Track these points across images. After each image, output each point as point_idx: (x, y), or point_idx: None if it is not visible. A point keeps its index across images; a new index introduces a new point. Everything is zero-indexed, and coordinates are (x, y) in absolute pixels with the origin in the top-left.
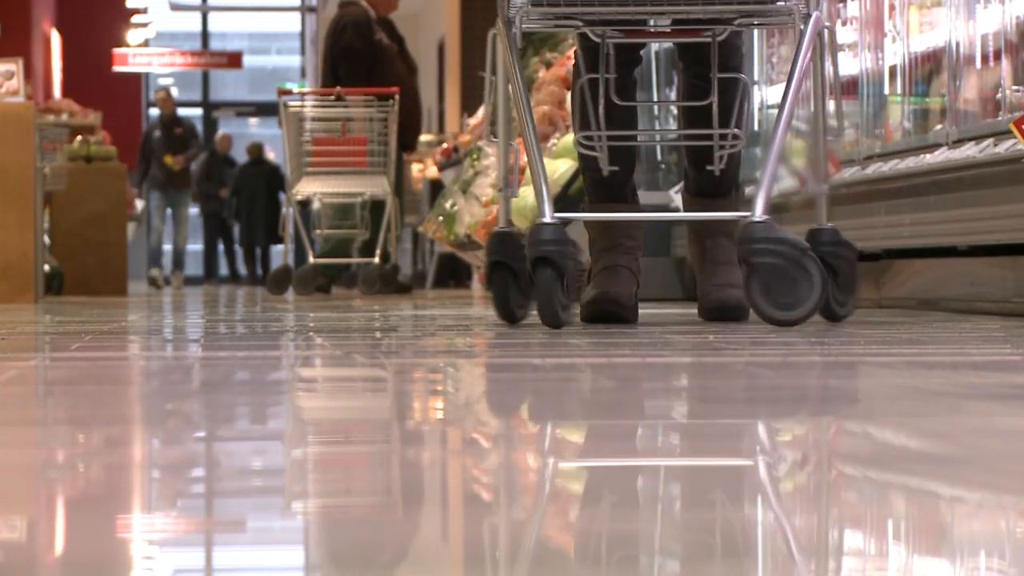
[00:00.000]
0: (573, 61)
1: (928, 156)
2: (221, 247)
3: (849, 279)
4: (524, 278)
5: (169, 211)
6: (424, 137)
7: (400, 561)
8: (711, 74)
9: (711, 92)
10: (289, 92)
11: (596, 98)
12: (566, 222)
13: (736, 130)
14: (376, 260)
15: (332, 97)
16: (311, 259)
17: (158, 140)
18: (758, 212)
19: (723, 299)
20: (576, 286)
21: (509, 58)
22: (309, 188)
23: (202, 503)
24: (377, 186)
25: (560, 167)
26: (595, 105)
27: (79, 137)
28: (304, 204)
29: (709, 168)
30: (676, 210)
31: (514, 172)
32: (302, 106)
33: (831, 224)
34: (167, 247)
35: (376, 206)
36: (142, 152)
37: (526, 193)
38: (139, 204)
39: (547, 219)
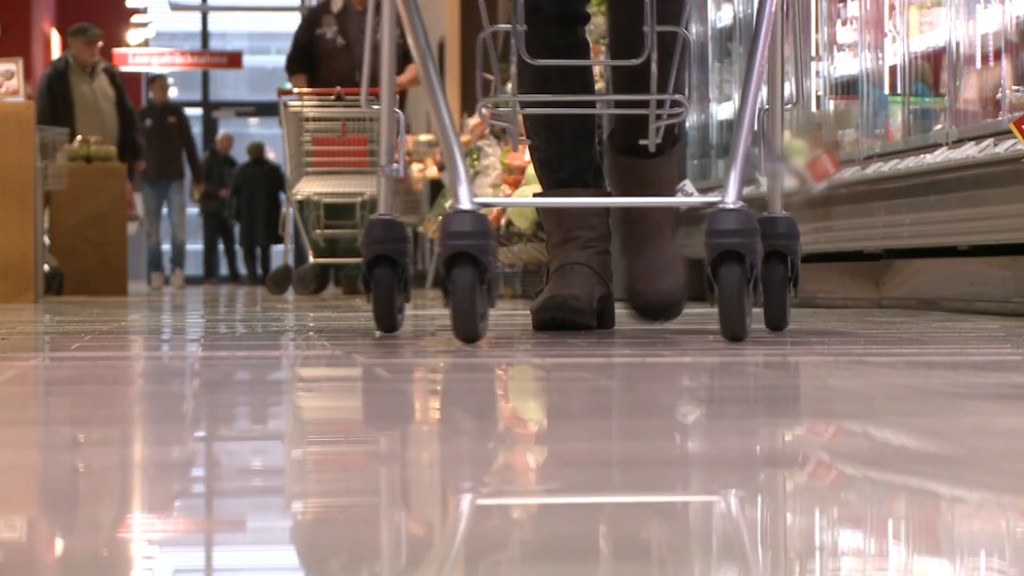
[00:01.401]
0: None
1: (928, 156)
2: (221, 247)
3: (797, 279)
4: (408, 276)
5: (164, 209)
6: (424, 137)
7: (396, 561)
8: (645, 28)
9: (644, 49)
10: (289, 92)
11: (531, 53)
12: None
13: (678, 96)
14: None
15: (332, 97)
16: (311, 259)
17: (149, 129)
18: (730, 197)
19: (655, 300)
20: (494, 290)
21: (406, 8)
22: (309, 188)
23: (202, 503)
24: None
25: None
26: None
27: (78, 137)
28: (304, 204)
29: (640, 133)
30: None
31: (400, 147)
32: (302, 106)
33: (786, 213)
34: (166, 247)
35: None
36: None
37: (524, 192)
38: (139, 203)
39: (465, 205)
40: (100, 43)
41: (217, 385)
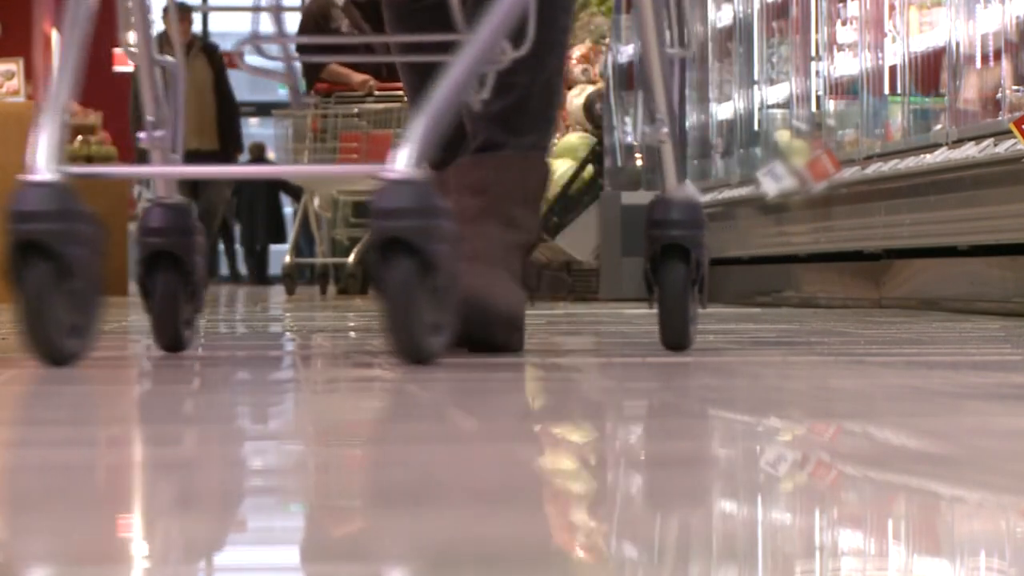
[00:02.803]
0: (574, 61)
1: (928, 156)
2: (222, 247)
3: (703, 283)
4: (199, 279)
5: None
6: None
7: (396, 561)
8: None
9: None
10: (329, 87)
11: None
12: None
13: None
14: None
15: (364, 93)
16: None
17: None
18: (400, 163)
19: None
20: (96, 293)
21: None
22: (327, 187)
23: (202, 503)
24: None
25: (560, 167)
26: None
27: (79, 137)
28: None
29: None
30: None
31: (167, 100)
32: (316, 103)
33: (688, 194)
34: None
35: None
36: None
37: None
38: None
39: (40, 176)
40: (188, 20)
41: (217, 385)
